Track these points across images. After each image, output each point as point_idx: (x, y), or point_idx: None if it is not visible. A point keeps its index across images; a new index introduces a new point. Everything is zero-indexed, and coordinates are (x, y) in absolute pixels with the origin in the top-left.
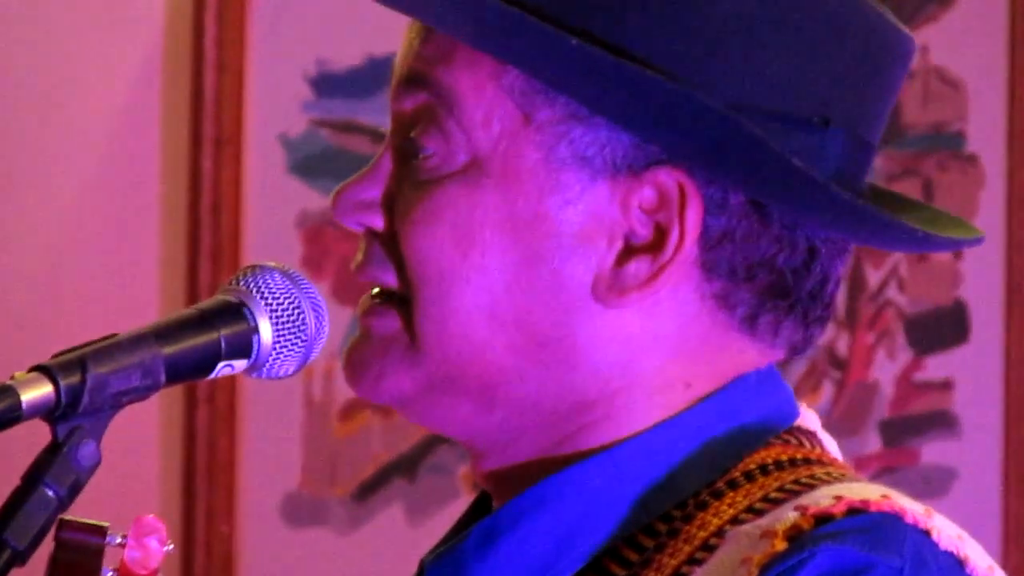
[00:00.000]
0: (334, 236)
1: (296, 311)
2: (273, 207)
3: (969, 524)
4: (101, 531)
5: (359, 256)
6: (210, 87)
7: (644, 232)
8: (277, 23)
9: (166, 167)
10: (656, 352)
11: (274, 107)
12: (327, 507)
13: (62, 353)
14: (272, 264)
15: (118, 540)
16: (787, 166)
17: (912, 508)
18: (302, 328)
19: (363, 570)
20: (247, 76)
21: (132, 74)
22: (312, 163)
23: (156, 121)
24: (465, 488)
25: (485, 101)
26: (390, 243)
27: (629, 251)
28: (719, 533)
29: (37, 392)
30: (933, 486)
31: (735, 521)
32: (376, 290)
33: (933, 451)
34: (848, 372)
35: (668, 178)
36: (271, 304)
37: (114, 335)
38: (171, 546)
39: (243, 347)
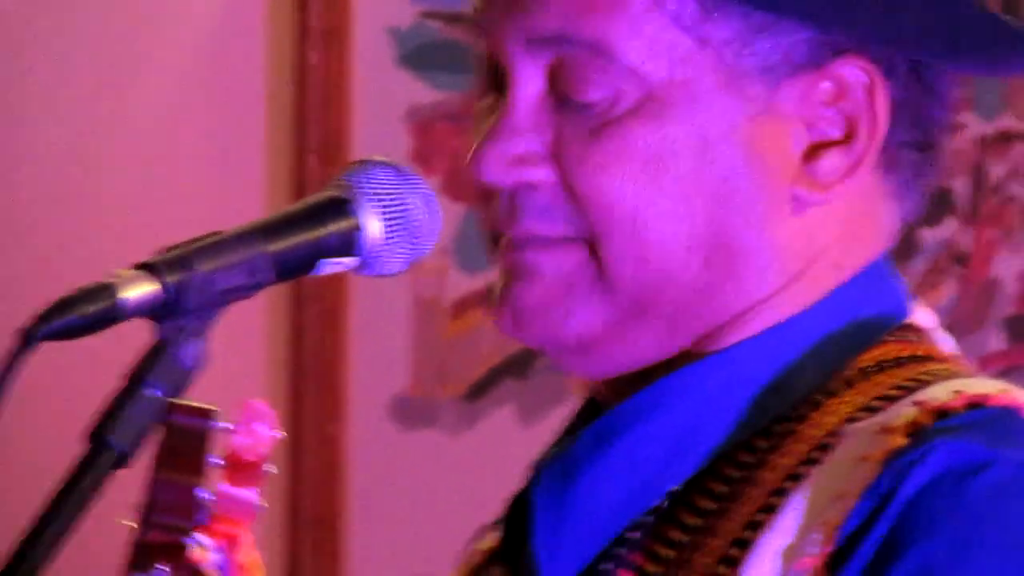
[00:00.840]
0: (444, 130)
1: (405, 207)
2: (382, 101)
3: None
4: (210, 414)
5: (500, 214)
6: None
7: (832, 126)
8: None
9: (271, 61)
10: (828, 233)
11: (379, 9)
12: (437, 408)
13: (168, 250)
14: (381, 158)
15: (228, 426)
16: (993, 18)
17: None
18: (412, 224)
19: (474, 472)
20: None
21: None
22: (422, 55)
23: (261, 13)
24: (575, 388)
25: (646, 36)
26: (559, 194)
27: (818, 147)
28: (834, 433)
29: (141, 290)
30: None
31: (850, 420)
32: (507, 240)
33: None
34: (970, 269)
35: (852, 68)
36: (380, 200)
37: (219, 232)
38: (282, 433)
39: (350, 244)
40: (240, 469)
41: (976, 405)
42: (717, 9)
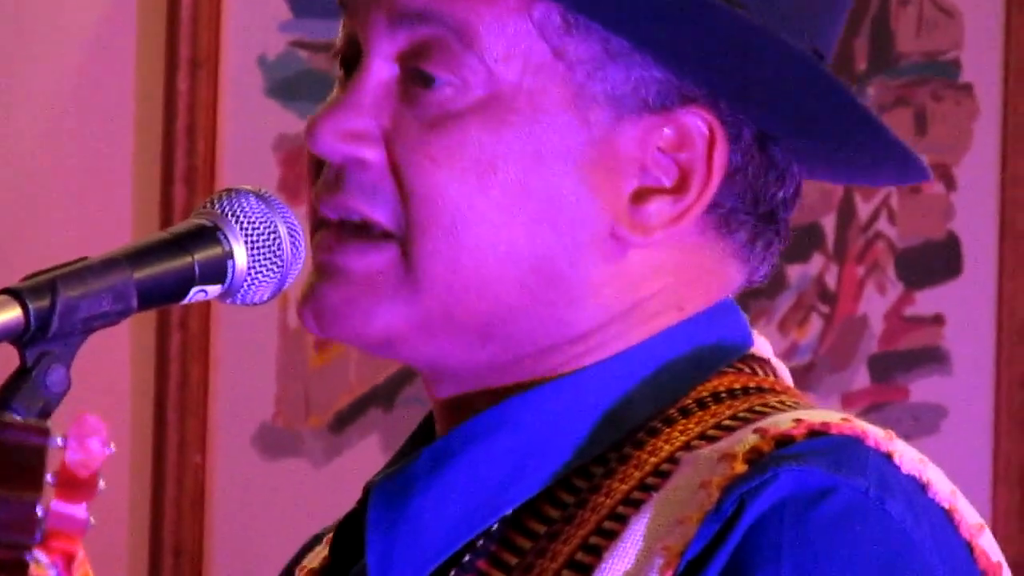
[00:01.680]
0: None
1: (272, 235)
2: (250, 130)
3: (959, 462)
4: (43, 431)
5: (325, 187)
6: (186, 6)
7: (665, 173)
8: None
9: (141, 89)
10: (657, 281)
11: (251, 28)
12: (302, 438)
13: (32, 276)
14: (248, 188)
15: (59, 442)
16: (851, 103)
17: (873, 431)
18: (278, 253)
19: (339, 502)
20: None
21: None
22: (290, 85)
23: (132, 42)
24: None
25: (507, 35)
26: (386, 177)
27: (648, 191)
28: (671, 459)
29: (5, 315)
30: (923, 423)
31: (687, 447)
32: (321, 225)
33: (923, 388)
34: (837, 306)
35: (696, 119)
36: (246, 228)
37: (85, 258)
38: (113, 448)
39: (217, 272)
40: (72, 485)
41: (817, 433)
42: (579, 27)
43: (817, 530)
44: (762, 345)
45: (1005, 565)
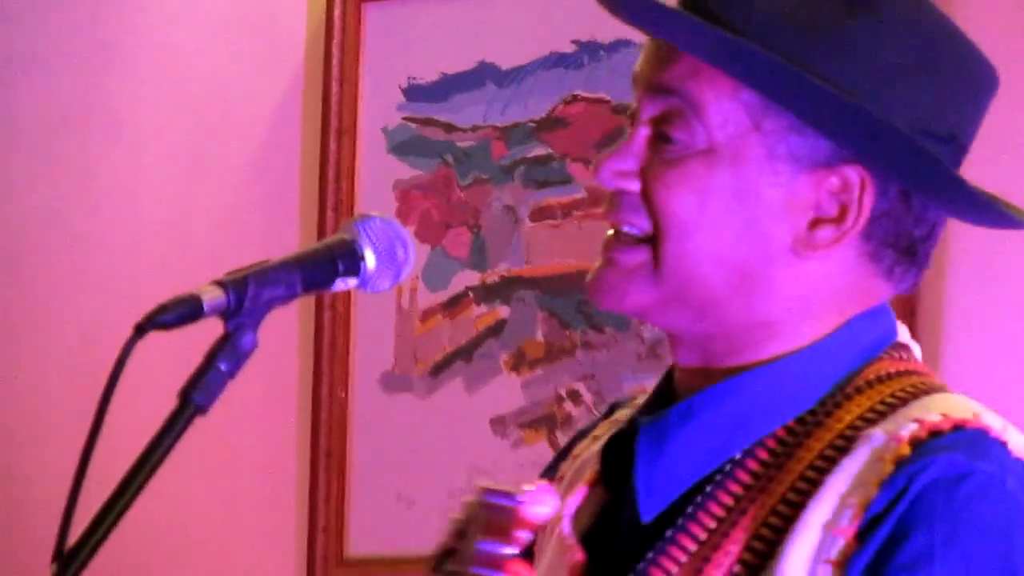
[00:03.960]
0: (417, 196)
1: (390, 246)
2: (377, 176)
3: None
4: (512, 495)
5: (609, 206)
6: (335, 94)
7: (831, 208)
8: (381, 52)
9: (305, 149)
10: (824, 289)
11: (378, 107)
12: (411, 380)
13: (232, 272)
14: (375, 213)
15: (518, 500)
16: (945, 173)
17: (994, 424)
18: (394, 258)
19: (436, 424)
20: (360, 86)
21: (282, 85)
22: (403, 146)
23: (298, 117)
24: (504, 368)
25: (724, 109)
26: (641, 200)
27: (818, 221)
28: (852, 427)
29: (214, 297)
30: None
31: (863, 418)
32: (611, 232)
33: None
34: None
35: (853, 173)
36: (373, 241)
37: (267, 260)
38: (554, 509)
39: (354, 270)
40: (509, 532)
41: (958, 427)
42: (771, 109)
43: (960, 502)
44: (903, 333)
45: None
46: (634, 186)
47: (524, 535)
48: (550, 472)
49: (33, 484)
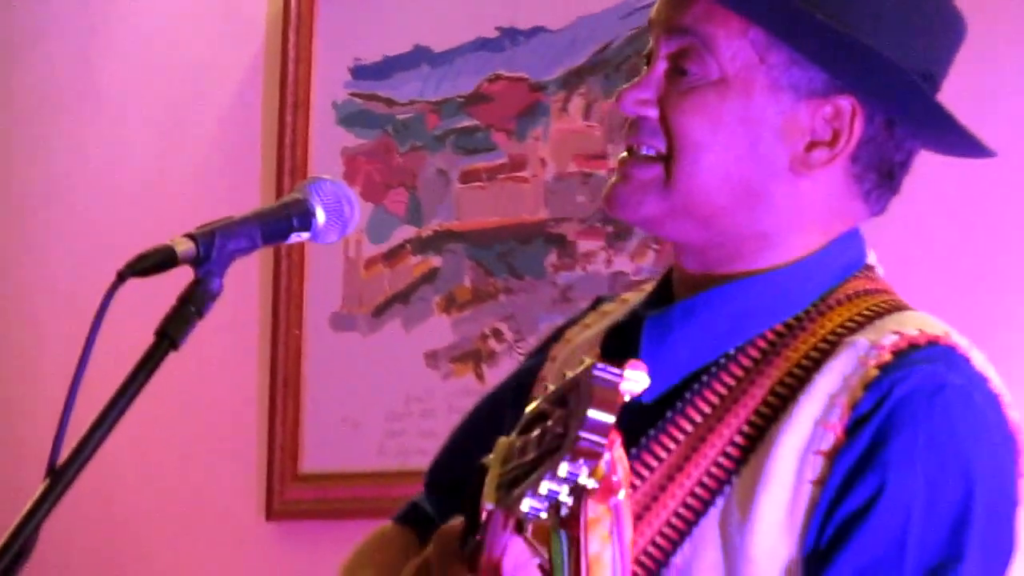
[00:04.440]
0: (361, 161)
1: (337, 204)
2: (326, 144)
3: None
4: (619, 372)
5: (630, 130)
6: (291, 76)
7: (824, 133)
8: (331, 37)
9: (264, 122)
10: (815, 207)
11: (328, 85)
12: (356, 320)
13: (203, 226)
14: (325, 176)
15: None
16: (930, 102)
17: (961, 342)
18: (342, 214)
19: (377, 358)
20: (313, 66)
21: (244, 65)
22: (350, 119)
23: (260, 92)
24: (437, 310)
25: (734, 45)
26: (658, 125)
27: (813, 144)
28: (834, 332)
29: (185, 247)
30: None
31: (842, 327)
32: (626, 153)
33: None
34: (664, 244)
35: (845, 102)
36: (323, 199)
37: (231, 216)
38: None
39: (306, 225)
40: (615, 404)
41: (932, 343)
42: (775, 44)
43: (937, 410)
44: (871, 255)
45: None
46: (652, 112)
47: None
48: (542, 352)
49: (29, 407)
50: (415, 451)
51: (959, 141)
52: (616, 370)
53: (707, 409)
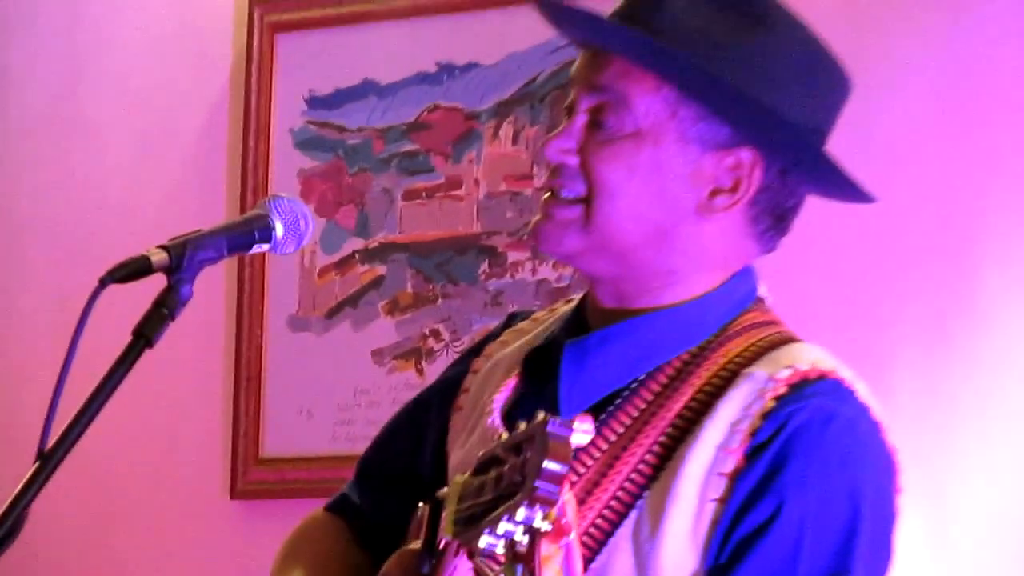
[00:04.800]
0: (315, 181)
1: (294, 219)
2: (285, 166)
3: None
4: (569, 427)
5: (550, 176)
6: (253, 106)
7: (727, 181)
8: (290, 71)
9: (230, 146)
10: (715, 247)
11: (287, 114)
12: (311, 322)
13: (175, 238)
14: (283, 194)
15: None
16: (820, 155)
17: (847, 376)
18: (298, 228)
19: (329, 355)
20: (273, 97)
21: (212, 96)
22: (305, 144)
23: (225, 119)
24: (382, 313)
25: (648, 101)
26: (580, 172)
27: (717, 191)
28: (732, 363)
29: (159, 257)
30: None
31: (740, 357)
32: (549, 195)
33: None
34: None
35: (746, 153)
36: (281, 215)
37: (200, 230)
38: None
39: (267, 237)
40: (567, 456)
41: (823, 377)
42: (686, 101)
43: (827, 438)
44: (762, 289)
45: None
46: (573, 160)
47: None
48: (464, 363)
49: (23, 399)
50: (362, 438)
51: (844, 188)
52: (568, 425)
53: (620, 429)
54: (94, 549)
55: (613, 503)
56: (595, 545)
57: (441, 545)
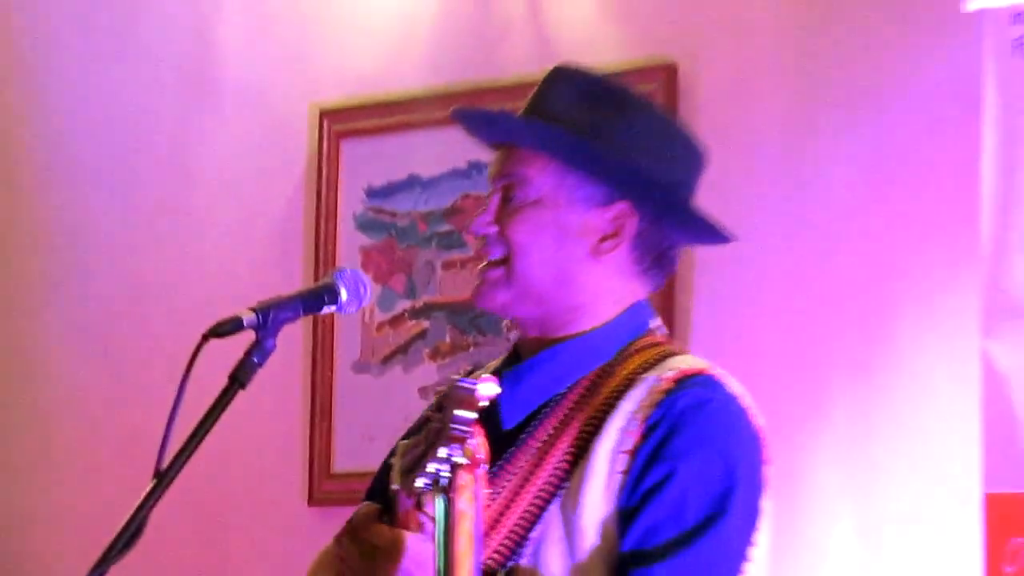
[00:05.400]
0: (373, 255)
1: (356, 286)
2: (349, 242)
3: None
4: (473, 383)
5: (481, 245)
6: (324, 196)
7: (611, 230)
8: (352, 168)
9: (306, 228)
10: (609, 284)
11: (350, 202)
12: (370, 366)
13: (263, 302)
14: (347, 266)
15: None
16: (684, 206)
17: (717, 372)
18: (359, 293)
19: (385, 392)
20: (339, 189)
21: (291, 188)
22: (365, 225)
23: (301, 209)
24: (426, 359)
25: (542, 178)
26: (499, 238)
27: (604, 238)
28: (632, 374)
29: (250, 317)
30: None
31: (637, 371)
32: (487, 262)
33: None
34: None
35: (624, 207)
36: (346, 283)
37: (281, 295)
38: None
39: (333, 300)
40: (474, 405)
41: (699, 374)
42: (572, 172)
43: (704, 416)
44: (654, 320)
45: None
46: (494, 230)
47: (479, 408)
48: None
49: (146, 428)
50: None
51: (705, 232)
52: (473, 382)
53: (550, 430)
54: (201, 548)
55: (546, 486)
56: (533, 519)
57: (392, 494)
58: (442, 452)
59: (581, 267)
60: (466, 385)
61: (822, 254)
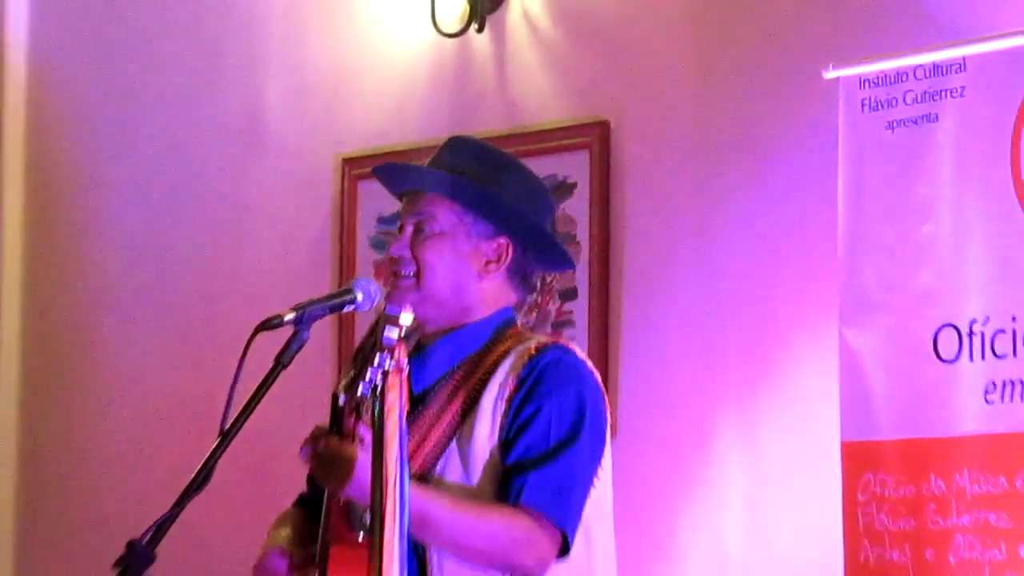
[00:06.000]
0: (382, 268)
1: (369, 291)
2: (365, 258)
3: None
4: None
5: (393, 265)
6: (346, 223)
7: (494, 255)
8: (367, 202)
9: (332, 247)
10: (491, 294)
11: (365, 227)
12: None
13: (299, 304)
14: (362, 276)
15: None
16: (548, 242)
17: (568, 342)
18: (371, 296)
19: None
20: (357, 217)
21: (320, 219)
22: (377, 245)
23: (329, 233)
24: None
25: (445, 215)
26: (411, 258)
27: (489, 262)
28: (504, 352)
29: (290, 315)
30: None
31: (508, 347)
32: (398, 273)
33: None
34: None
35: (504, 239)
36: (362, 288)
37: (313, 297)
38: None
39: (352, 301)
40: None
41: (555, 343)
42: (468, 212)
43: (560, 368)
44: (520, 319)
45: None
46: (407, 252)
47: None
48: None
49: (216, 397)
50: None
51: (559, 260)
52: (398, 308)
53: (447, 394)
54: (251, 499)
55: (446, 429)
56: (438, 455)
57: (341, 404)
58: (376, 360)
59: (471, 281)
60: (391, 313)
61: (721, 266)
